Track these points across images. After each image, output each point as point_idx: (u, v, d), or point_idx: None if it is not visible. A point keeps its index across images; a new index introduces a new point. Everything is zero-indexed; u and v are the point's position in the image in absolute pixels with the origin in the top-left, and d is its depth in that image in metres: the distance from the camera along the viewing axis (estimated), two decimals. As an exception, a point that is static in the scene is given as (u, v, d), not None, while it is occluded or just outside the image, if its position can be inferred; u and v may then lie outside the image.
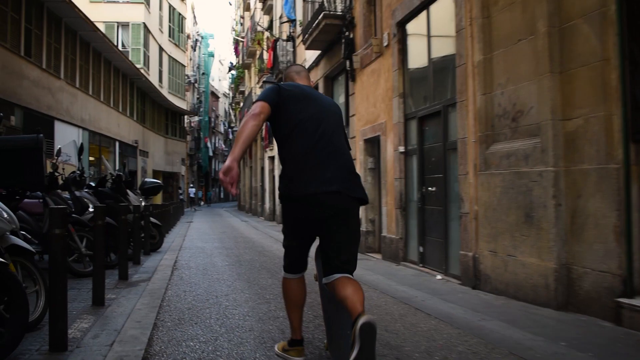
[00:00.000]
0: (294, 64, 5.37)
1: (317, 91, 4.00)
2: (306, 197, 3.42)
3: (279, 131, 3.61)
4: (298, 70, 4.17)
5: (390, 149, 10.02)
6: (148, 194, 11.91)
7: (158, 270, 7.98)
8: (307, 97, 3.66)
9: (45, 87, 16.48)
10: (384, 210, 10.41)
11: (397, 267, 9.06)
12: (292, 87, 3.70)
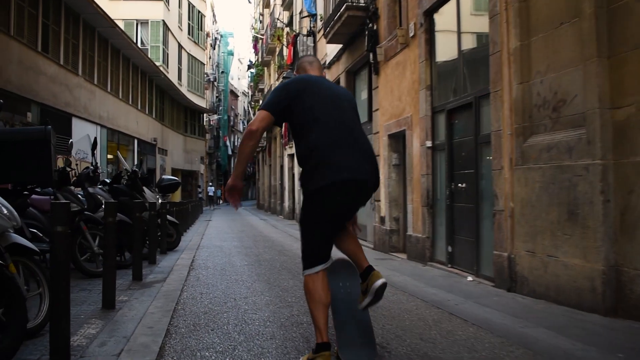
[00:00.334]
0: (306, 55, 5.16)
1: (329, 80, 4.06)
2: (345, 184, 3.44)
3: (298, 126, 3.61)
4: (310, 60, 4.17)
5: (416, 144, 9.58)
6: (165, 191, 11.59)
7: (174, 271, 7.62)
8: (321, 88, 3.70)
9: (62, 84, 16.26)
10: (410, 208, 9.97)
11: (424, 268, 8.63)
12: (303, 81, 3.72)
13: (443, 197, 8.70)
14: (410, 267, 8.69)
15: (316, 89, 3.66)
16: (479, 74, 7.72)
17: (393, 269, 8.43)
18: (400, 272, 7.99)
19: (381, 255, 10.46)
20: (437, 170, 9.01)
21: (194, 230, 17.38)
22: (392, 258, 10.02)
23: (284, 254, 10.15)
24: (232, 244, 12.33)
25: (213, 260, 9.04)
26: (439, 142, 8.85)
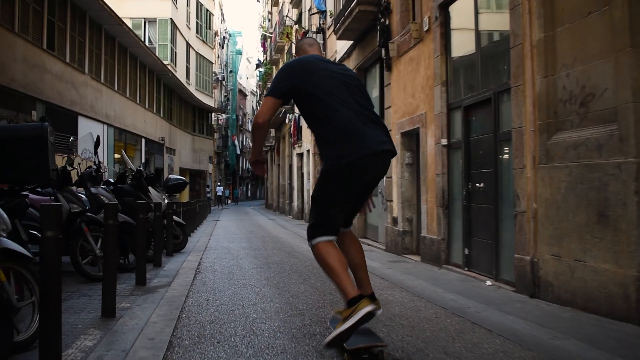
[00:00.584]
0: (304, 37, 5.18)
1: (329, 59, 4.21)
2: (376, 155, 3.59)
3: (310, 107, 3.73)
4: (310, 42, 4.27)
5: (431, 142, 9.23)
6: (172, 191, 11.31)
7: (180, 274, 7.32)
8: (326, 67, 3.81)
9: (68, 82, 16.02)
10: (424, 208, 9.62)
11: (439, 271, 8.29)
12: (308, 62, 3.81)
13: (459, 197, 8.35)
14: (425, 270, 8.35)
15: (322, 66, 3.79)
16: (498, 69, 7.38)
17: (407, 272, 8.10)
18: (415, 276, 7.66)
19: (394, 257, 10.13)
20: (452, 170, 8.67)
21: (202, 230, 17.10)
22: (405, 260, 9.68)
23: (293, 256, 9.83)
24: (240, 245, 12.03)
25: (220, 263, 8.74)
26: (455, 140, 8.51)
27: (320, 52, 4.14)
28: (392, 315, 5.03)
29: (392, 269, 8.42)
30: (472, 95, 7.94)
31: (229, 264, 8.68)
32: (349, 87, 3.76)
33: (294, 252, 10.47)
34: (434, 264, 8.92)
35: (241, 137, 68.79)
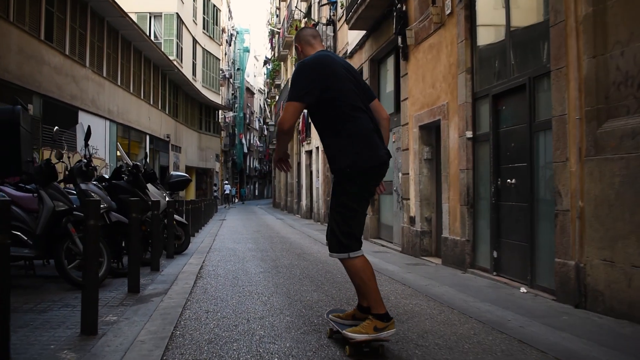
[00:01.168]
0: (305, 27, 4.77)
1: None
2: (381, 165, 3.87)
3: (331, 116, 3.79)
4: (314, 34, 4.21)
5: (453, 135, 8.48)
6: (174, 188, 10.61)
7: (179, 279, 6.59)
8: (342, 67, 3.88)
9: (68, 75, 15.34)
10: (445, 207, 8.86)
11: (464, 276, 7.55)
12: (329, 64, 3.82)
13: (487, 194, 7.60)
14: (449, 275, 7.61)
15: (340, 70, 3.83)
16: (533, 51, 6.62)
17: (429, 276, 7.37)
18: (439, 281, 6.93)
19: (411, 259, 9.38)
20: (478, 165, 7.93)
21: (207, 230, 16.39)
22: (425, 263, 8.94)
23: (304, 259, 9.10)
24: (246, 246, 11.30)
25: (224, 267, 8.00)
26: (482, 133, 7.76)
27: (322, 44, 4.18)
28: (424, 332, 4.28)
29: (412, 273, 7.68)
30: (502, 82, 7.19)
31: (233, 267, 7.95)
32: (358, 86, 3.91)
33: (304, 254, 9.74)
34: (457, 268, 8.17)
35: (249, 136, 68.16)
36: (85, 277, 3.91)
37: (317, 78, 3.72)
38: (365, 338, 3.58)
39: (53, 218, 5.78)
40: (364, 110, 3.81)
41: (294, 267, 8.00)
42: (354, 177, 3.73)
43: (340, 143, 3.76)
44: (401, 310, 5.11)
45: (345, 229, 3.75)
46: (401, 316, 4.85)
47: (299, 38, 4.17)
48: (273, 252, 10.19)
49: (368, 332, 3.59)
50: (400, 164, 11.12)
